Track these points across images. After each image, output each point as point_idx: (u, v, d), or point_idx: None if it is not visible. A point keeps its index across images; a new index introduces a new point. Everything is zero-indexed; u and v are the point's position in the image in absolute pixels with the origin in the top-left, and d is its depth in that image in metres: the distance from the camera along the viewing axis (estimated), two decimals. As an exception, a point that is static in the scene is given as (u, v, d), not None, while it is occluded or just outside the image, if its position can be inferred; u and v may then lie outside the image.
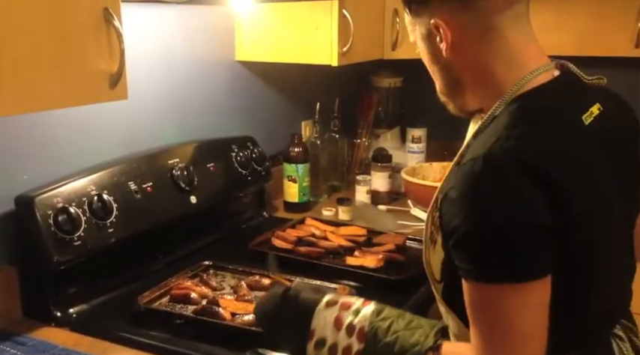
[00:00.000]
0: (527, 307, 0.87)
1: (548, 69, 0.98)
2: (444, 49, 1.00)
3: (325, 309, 1.05)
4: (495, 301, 0.88)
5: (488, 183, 0.86)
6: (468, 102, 1.06)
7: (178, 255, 1.66)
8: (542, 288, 0.88)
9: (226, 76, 2.01)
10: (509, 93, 0.96)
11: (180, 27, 1.80)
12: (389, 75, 2.59)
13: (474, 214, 0.87)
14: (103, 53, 1.09)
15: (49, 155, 1.46)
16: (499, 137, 0.89)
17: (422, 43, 1.06)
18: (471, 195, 0.87)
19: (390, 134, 2.60)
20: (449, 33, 0.98)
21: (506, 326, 0.88)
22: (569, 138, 0.94)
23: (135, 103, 1.60)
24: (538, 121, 0.93)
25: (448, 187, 0.92)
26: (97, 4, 1.07)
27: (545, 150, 0.89)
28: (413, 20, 1.06)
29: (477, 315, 0.91)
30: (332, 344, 1.02)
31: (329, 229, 1.82)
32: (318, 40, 1.90)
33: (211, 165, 1.77)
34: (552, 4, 2.15)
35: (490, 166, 0.86)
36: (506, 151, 0.87)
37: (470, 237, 0.88)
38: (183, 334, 1.27)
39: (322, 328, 1.04)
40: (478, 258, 0.88)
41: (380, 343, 0.99)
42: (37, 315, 1.36)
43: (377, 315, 1.03)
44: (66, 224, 1.32)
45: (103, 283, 1.45)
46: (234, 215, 1.95)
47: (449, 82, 1.06)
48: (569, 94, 1.00)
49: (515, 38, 0.97)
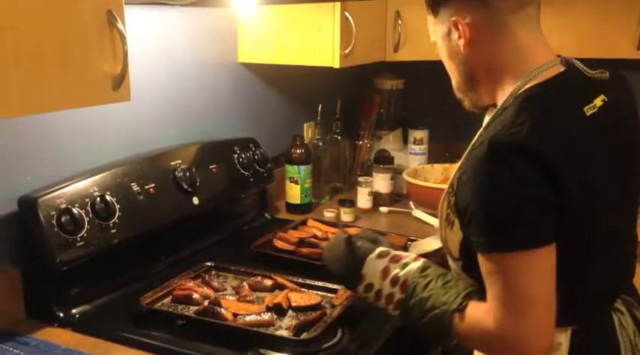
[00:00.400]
0: (535, 272, 0.98)
1: (555, 64, 1.08)
2: (462, 45, 1.10)
3: (376, 259, 1.20)
4: (507, 268, 0.98)
5: (493, 165, 0.97)
6: (482, 96, 1.16)
7: (180, 256, 1.66)
8: (547, 255, 0.98)
9: (229, 77, 2.02)
10: (518, 86, 1.06)
11: (183, 29, 1.81)
12: (391, 77, 2.59)
13: (482, 193, 0.99)
14: (106, 55, 1.10)
15: (52, 156, 1.47)
16: (505, 125, 1.00)
17: (442, 41, 1.16)
18: (479, 176, 0.99)
19: (392, 136, 2.60)
20: (467, 29, 1.09)
21: (518, 289, 0.98)
22: (569, 126, 1.03)
23: (138, 105, 1.59)
24: (541, 111, 1.01)
25: (461, 172, 1.05)
26: (100, 7, 1.07)
27: (543, 135, 0.98)
28: (435, 20, 1.16)
29: (492, 282, 1.01)
30: (378, 290, 1.18)
31: (330, 230, 1.82)
32: (320, 42, 1.91)
33: (213, 167, 1.78)
34: (555, 6, 2.15)
35: (494, 150, 0.97)
36: (509, 137, 0.97)
37: (480, 213, 0.99)
38: (185, 334, 1.28)
39: (372, 275, 1.19)
40: (489, 231, 0.99)
41: (416, 297, 1.12)
42: (40, 316, 1.36)
43: (421, 272, 1.15)
44: (69, 225, 1.33)
45: (106, 284, 1.46)
46: (236, 216, 1.95)
47: (465, 78, 1.16)
48: (572, 87, 1.08)
49: (525, 36, 1.08)
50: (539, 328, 0.99)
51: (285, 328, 1.29)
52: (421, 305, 1.12)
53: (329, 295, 1.42)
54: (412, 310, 1.13)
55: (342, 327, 1.29)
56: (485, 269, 1.02)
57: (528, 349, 1.00)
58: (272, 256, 1.67)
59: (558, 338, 1.07)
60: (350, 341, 1.27)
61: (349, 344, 1.26)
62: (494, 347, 1.05)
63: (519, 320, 0.99)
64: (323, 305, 1.37)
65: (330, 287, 1.44)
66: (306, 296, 1.39)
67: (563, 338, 1.08)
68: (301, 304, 1.36)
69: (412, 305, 1.13)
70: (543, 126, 0.99)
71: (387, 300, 1.17)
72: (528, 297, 0.98)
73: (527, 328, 0.99)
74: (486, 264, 1.01)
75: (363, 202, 2.16)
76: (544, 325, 0.99)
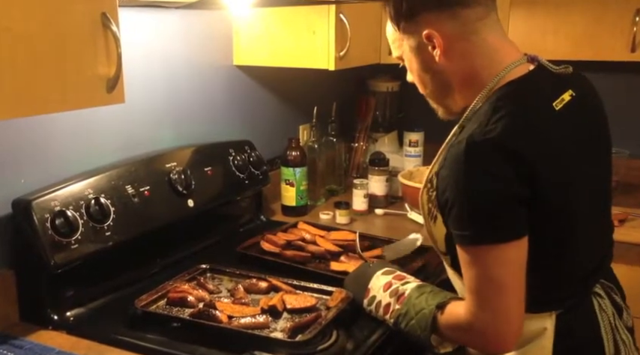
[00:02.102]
0: (506, 263, 1.05)
1: (522, 63, 1.13)
2: (438, 56, 1.14)
3: (382, 275, 1.34)
4: (480, 260, 1.06)
5: (470, 161, 1.03)
6: (457, 102, 1.20)
7: (175, 259, 1.66)
8: (519, 248, 1.05)
9: (224, 80, 2.02)
10: (488, 87, 1.12)
11: (178, 31, 1.81)
12: (386, 79, 2.60)
13: (459, 189, 1.05)
14: (100, 57, 1.10)
15: (47, 159, 1.46)
16: (480, 123, 1.06)
17: (411, 54, 1.19)
18: (456, 173, 1.05)
19: (387, 138, 2.61)
20: (441, 41, 1.12)
21: (488, 279, 1.06)
22: (540, 122, 1.08)
23: (133, 107, 1.60)
24: (513, 109, 1.06)
25: (439, 167, 1.11)
26: (94, 9, 1.07)
27: (516, 132, 1.04)
28: (401, 36, 1.19)
29: (467, 273, 1.09)
30: (378, 301, 1.30)
31: (319, 233, 1.82)
32: (316, 44, 1.91)
33: (209, 169, 1.77)
34: (549, 9, 2.16)
35: (471, 147, 1.03)
36: (485, 135, 1.03)
37: (457, 208, 1.06)
38: (180, 337, 1.27)
39: (376, 289, 1.32)
40: (465, 225, 1.06)
41: (410, 304, 1.23)
42: (34, 318, 1.36)
43: (418, 288, 1.26)
44: (63, 227, 1.33)
45: (100, 286, 1.46)
46: (231, 218, 1.95)
47: (439, 87, 1.19)
48: (541, 85, 1.13)
49: (493, 40, 1.14)
50: (506, 314, 1.07)
51: (280, 330, 1.29)
52: (412, 310, 1.21)
53: (324, 297, 1.42)
54: (405, 317, 1.22)
55: (337, 329, 1.29)
56: (462, 260, 1.10)
57: (496, 334, 1.08)
58: (256, 258, 1.67)
59: (543, 323, 1.15)
60: (345, 343, 1.27)
61: (344, 346, 1.26)
62: (468, 334, 1.14)
63: (487, 307, 1.07)
64: (318, 307, 1.37)
65: (325, 289, 1.44)
66: (301, 299, 1.39)
67: (548, 323, 1.15)
68: (296, 306, 1.36)
69: (405, 312, 1.23)
70: (517, 124, 1.05)
71: (385, 310, 1.28)
72: (497, 286, 1.06)
73: (493, 314, 1.07)
74: (462, 256, 1.09)
75: (359, 204, 2.16)
76: (511, 311, 1.07)
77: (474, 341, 1.16)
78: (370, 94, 2.59)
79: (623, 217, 2.01)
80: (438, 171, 1.12)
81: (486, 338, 1.10)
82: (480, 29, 1.12)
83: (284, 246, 1.72)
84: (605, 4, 2.11)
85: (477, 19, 1.11)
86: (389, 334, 1.32)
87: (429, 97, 1.24)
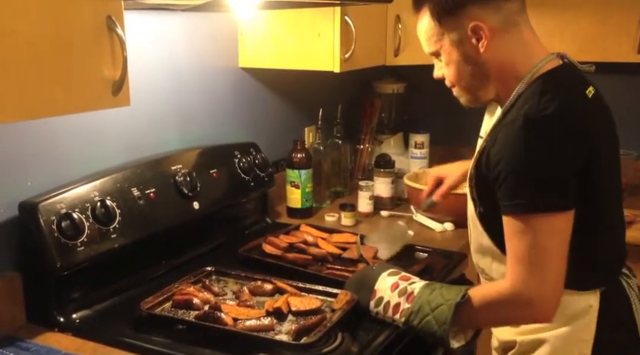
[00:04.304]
0: (556, 233, 1.11)
1: (553, 58, 1.22)
2: (483, 48, 1.18)
3: (388, 276, 1.35)
4: (532, 229, 1.11)
5: (529, 135, 1.09)
6: (489, 92, 1.25)
7: (181, 261, 1.66)
8: (568, 220, 1.12)
9: (229, 82, 2.02)
10: (528, 75, 1.18)
11: (183, 34, 1.82)
12: (392, 81, 2.60)
13: (517, 159, 1.10)
14: (105, 60, 1.10)
15: (53, 161, 1.47)
16: (531, 104, 1.12)
17: (452, 48, 1.22)
18: (515, 144, 1.10)
19: (392, 140, 2.60)
20: (488, 33, 1.17)
21: (540, 248, 1.11)
22: (583, 105, 1.17)
23: (138, 110, 1.60)
24: (561, 91, 1.14)
25: (489, 147, 1.16)
26: (100, 12, 1.08)
27: (571, 110, 1.12)
28: (441, 30, 1.22)
29: (514, 243, 1.14)
30: (387, 302, 1.31)
31: (321, 236, 1.82)
32: (321, 46, 1.91)
33: (214, 171, 1.78)
34: (555, 10, 2.16)
35: (529, 122, 1.10)
36: (541, 111, 1.10)
37: (513, 178, 1.11)
38: (185, 339, 1.28)
39: (382, 290, 1.32)
40: (520, 194, 1.11)
41: (423, 301, 1.24)
42: (40, 320, 1.36)
43: (427, 286, 1.28)
44: (69, 230, 1.33)
45: (106, 288, 1.46)
46: (237, 221, 1.95)
47: (478, 78, 1.23)
48: (573, 76, 1.23)
49: (528, 33, 1.22)
50: (554, 283, 1.12)
51: (285, 332, 1.29)
52: (427, 306, 1.23)
53: (329, 299, 1.42)
54: (418, 314, 1.24)
55: (342, 331, 1.28)
56: (510, 230, 1.14)
57: (543, 298, 1.13)
58: (258, 260, 1.66)
59: (589, 300, 1.21)
60: (350, 346, 1.26)
61: (349, 349, 1.26)
62: (510, 306, 1.17)
63: (537, 275, 1.11)
64: (323, 310, 1.37)
65: (331, 291, 1.44)
66: (306, 301, 1.39)
67: (593, 300, 1.21)
68: (301, 308, 1.36)
69: (418, 309, 1.24)
70: (568, 103, 1.12)
71: (394, 310, 1.29)
72: (548, 255, 1.11)
73: (543, 283, 1.12)
74: (512, 225, 1.13)
75: (364, 206, 2.16)
76: (558, 281, 1.12)
77: (518, 313, 1.18)
78: (375, 96, 2.59)
79: (631, 219, 2.00)
80: (487, 148, 1.17)
81: (533, 305, 1.13)
82: (519, 22, 1.19)
83: (286, 248, 1.72)
84: (611, 5, 2.10)
85: (516, 12, 1.19)
86: (394, 337, 1.32)
87: (460, 88, 1.27)
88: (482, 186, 1.22)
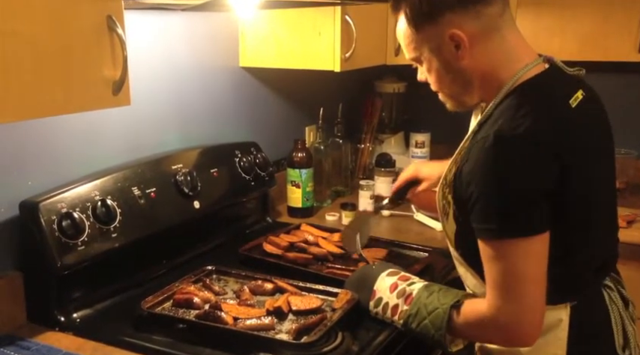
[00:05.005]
0: (530, 256, 1.06)
1: (539, 63, 1.16)
2: (461, 55, 1.13)
3: (387, 277, 1.34)
4: (505, 253, 1.07)
5: (499, 156, 1.04)
6: (474, 98, 1.21)
7: (181, 260, 1.67)
8: (542, 241, 1.07)
9: (230, 81, 2.02)
10: (508, 84, 1.13)
11: (184, 33, 1.82)
12: (392, 80, 2.60)
13: (487, 182, 1.06)
14: (106, 60, 1.10)
15: (53, 161, 1.47)
16: (506, 118, 1.07)
17: (431, 55, 1.17)
18: (485, 166, 1.06)
19: (393, 139, 2.61)
20: (466, 40, 1.12)
21: (515, 272, 1.07)
22: (562, 117, 1.11)
23: (139, 109, 1.61)
24: (538, 104, 1.09)
25: (462, 163, 1.11)
26: (100, 12, 1.08)
27: (543, 127, 1.06)
28: (419, 37, 1.17)
29: (489, 267, 1.10)
30: (385, 303, 1.30)
31: (322, 235, 1.82)
32: (321, 45, 1.91)
33: (215, 171, 1.78)
34: (556, 9, 2.15)
35: (500, 142, 1.04)
36: (513, 130, 1.05)
37: (484, 202, 1.07)
38: (185, 338, 1.28)
39: (381, 290, 1.32)
40: (491, 219, 1.07)
41: (420, 304, 1.23)
42: (41, 320, 1.37)
43: (426, 288, 1.26)
44: (70, 229, 1.33)
45: (107, 288, 1.46)
46: (237, 220, 1.95)
47: (460, 85, 1.19)
48: (557, 83, 1.17)
49: (511, 37, 1.15)
50: (530, 305, 1.08)
51: (285, 332, 1.29)
52: (424, 310, 1.22)
53: (329, 298, 1.42)
54: (416, 317, 1.23)
55: (342, 331, 1.29)
56: (485, 254, 1.10)
57: (520, 324, 1.09)
58: (258, 260, 1.67)
59: (559, 314, 1.17)
60: (350, 345, 1.27)
61: (350, 348, 1.26)
62: (490, 329, 1.14)
63: (511, 299, 1.08)
64: (323, 309, 1.37)
65: (331, 290, 1.44)
66: (307, 300, 1.39)
67: (564, 314, 1.17)
68: (302, 308, 1.36)
69: (416, 312, 1.23)
70: (543, 119, 1.06)
71: (393, 311, 1.28)
72: (521, 278, 1.07)
73: (518, 305, 1.08)
74: (486, 250, 1.10)
75: (365, 205, 2.16)
76: (535, 302, 1.08)
77: (497, 336, 1.16)
78: (376, 95, 2.59)
79: (632, 218, 2.00)
80: (460, 167, 1.12)
81: (511, 331, 1.10)
82: (501, 25, 1.13)
83: (287, 247, 1.72)
84: (612, 4, 2.09)
85: (498, 16, 1.12)
86: (394, 336, 1.32)
87: (445, 94, 1.23)
88: (458, 202, 1.16)
